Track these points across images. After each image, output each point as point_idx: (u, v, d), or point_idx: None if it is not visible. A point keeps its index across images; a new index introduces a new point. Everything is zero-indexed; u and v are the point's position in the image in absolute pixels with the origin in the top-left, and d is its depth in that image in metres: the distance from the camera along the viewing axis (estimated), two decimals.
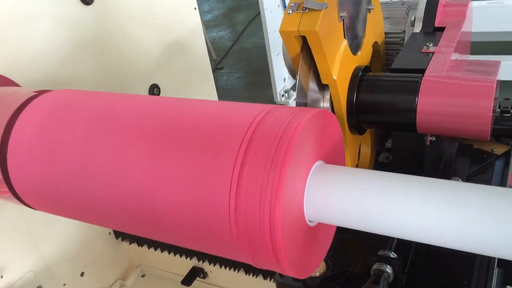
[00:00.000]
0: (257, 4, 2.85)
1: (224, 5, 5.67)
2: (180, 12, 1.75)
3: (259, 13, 2.89)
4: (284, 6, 2.88)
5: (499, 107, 1.01)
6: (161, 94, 1.70)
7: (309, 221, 0.64)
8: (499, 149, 1.06)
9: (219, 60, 4.31)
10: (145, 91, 1.64)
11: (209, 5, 5.72)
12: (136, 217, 0.69)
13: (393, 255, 0.77)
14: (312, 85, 0.83)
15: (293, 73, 0.92)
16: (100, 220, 0.78)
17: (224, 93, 3.74)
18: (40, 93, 0.86)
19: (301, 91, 0.82)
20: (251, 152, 0.57)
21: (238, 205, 0.57)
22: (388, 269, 0.75)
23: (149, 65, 1.63)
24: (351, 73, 0.89)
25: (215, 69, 4.14)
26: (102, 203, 0.71)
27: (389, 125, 0.92)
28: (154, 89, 1.67)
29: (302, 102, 0.82)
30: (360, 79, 0.89)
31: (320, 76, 0.83)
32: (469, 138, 0.88)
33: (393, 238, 0.80)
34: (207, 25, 5.06)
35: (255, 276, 1.44)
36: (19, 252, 1.27)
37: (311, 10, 0.77)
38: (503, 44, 3.15)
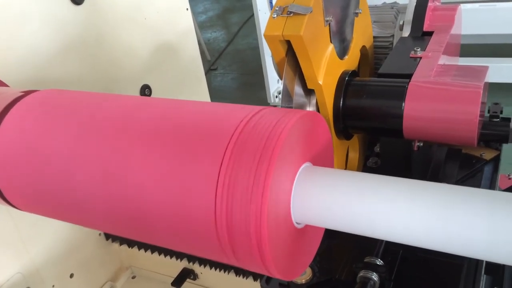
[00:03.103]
0: (252, 5, 2.85)
1: (218, 6, 5.66)
2: (172, 13, 1.74)
3: (254, 14, 2.89)
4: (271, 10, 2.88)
5: (488, 112, 1.00)
6: (152, 95, 1.69)
7: (296, 223, 0.63)
8: (488, 154, 1.06)
9: (213, 61, 4.30)
10: (136, 92, 1.63)
11: (204, 6, 5.71)
12: (124, 219, 0.68)
13: (379, 262, 0.77)
14: (298, 90, 0.83)
15: (281, 76, 0.91)
16: (87, 222, 0.77)
17: (217, 94, 3.73)
18: (27, 93, 0.85)
19: (287, 96, 0.81)
20: (238, 153, 0.57)
21: (225, 206, 0.56)
22: (374, 277, 0.75)
23: (140, 65, 1.63)
24: (337, 77, 0.88)
25: (209, 70, 4.13)
26: (89, 205, 0.70)
27: (375, 131, 0.91)
28: (145, 90, 1.66)
29: (288, 107, 0.81)
30: (346, 84, 0.88)
31: (306, 81, 0.82)
32: (456, 144, 0.88)
33: (379, 245, 0.80)
34: (202, 26, 5.05)
35: (245, 278, 1.44)
36: (7, 254, 1.26)
37: (296, 14, 0.76)
38: (495, 46, 3.16)
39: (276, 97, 3.11)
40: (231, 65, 4.26)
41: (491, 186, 0.99)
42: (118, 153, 0.66)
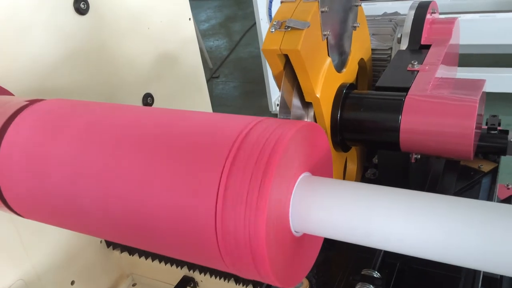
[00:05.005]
0: (254, 14, 2.86)
1: (221, 14, 5.69)
2: (175, 22, 1.75)
3: (256, 23, 2.90)
4: (270, 21, 2.89)
5: (486, 124, 1.01)
6: (154, 104, 1.69)
7: (295, 231, 0.64)
8: (486, 166, 1.06)
9: (215, 69, 4.32)
10: (138, 101, 1.64)
11: (206, 14, 5.74)
12: (125, 227, 0.69)
13: (376, 274, 0.77)
14: (296, 102, 0.83)
15: (279, 89, 0.92)
16: (90, 230, 0.78)
17: (219, 102, 3.75)
18: (32, 102, 0.86)
19: (285, 108, 0.82)
20: (238, 163, 0.58)
21: (224, 215, 0.57)
22: None
23: (143, 74, 1.64)
24: (335, 90, 0.89)
25: (211, 78, 4.15)
26: (91, 214, 0.71)
27: (373, 143, 0.92)
28: (148, 99, 1.67)
29: (285, 119, 0.82)
30: (344, 97, 0.89)
31: (304, 94, 0.83)
32: (453, 157, 0.88)
33: (377, 258, 0.80)
34: (204, 34, 5.07)
35: (245, 286, 1.43)
36: (9, 260, 1.27)
37: (293, 28, 0.77)
38: (495, 56, 3.17)
39: (278, 105, 3.11)
40: (233, 73, 4.27)
41: (489, 198, 1.00)
42: (121, 163, 0.67)
